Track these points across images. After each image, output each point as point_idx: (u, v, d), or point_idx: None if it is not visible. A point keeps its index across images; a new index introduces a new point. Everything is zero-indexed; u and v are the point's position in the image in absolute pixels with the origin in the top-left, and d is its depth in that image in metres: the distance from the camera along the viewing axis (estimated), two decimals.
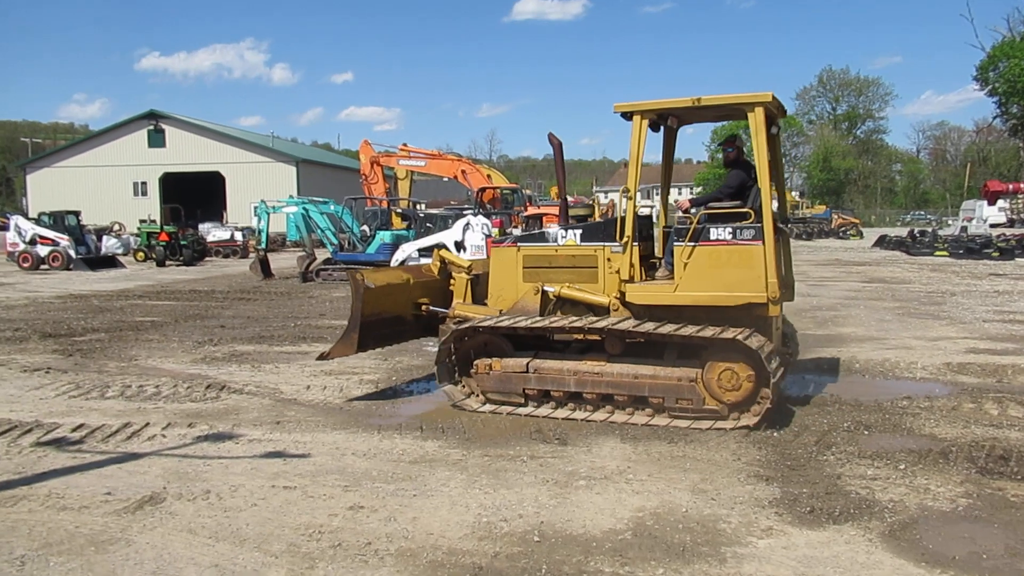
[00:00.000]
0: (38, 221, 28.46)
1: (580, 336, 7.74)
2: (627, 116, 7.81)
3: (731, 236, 7.38)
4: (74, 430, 7.02)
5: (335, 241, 24.53)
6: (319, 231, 25.52)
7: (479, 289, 8.75)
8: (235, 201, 53.47)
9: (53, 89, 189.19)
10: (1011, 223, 38.24)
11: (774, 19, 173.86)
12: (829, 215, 57.67)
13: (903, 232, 41.42)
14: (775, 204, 7.80)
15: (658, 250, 8.56)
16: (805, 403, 7.94)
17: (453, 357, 7.90)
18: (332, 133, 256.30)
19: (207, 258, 31.20)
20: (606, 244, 7.91)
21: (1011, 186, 39.84)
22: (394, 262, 8.59)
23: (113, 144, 56.32)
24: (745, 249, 7.33)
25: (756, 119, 7.47)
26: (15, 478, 5.75)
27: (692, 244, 7.45)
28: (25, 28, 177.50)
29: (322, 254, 24.19)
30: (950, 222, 54.26)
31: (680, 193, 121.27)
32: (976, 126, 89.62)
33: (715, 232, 7.41)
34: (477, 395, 7.82)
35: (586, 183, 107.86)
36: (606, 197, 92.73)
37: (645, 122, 7.79)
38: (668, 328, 7.17)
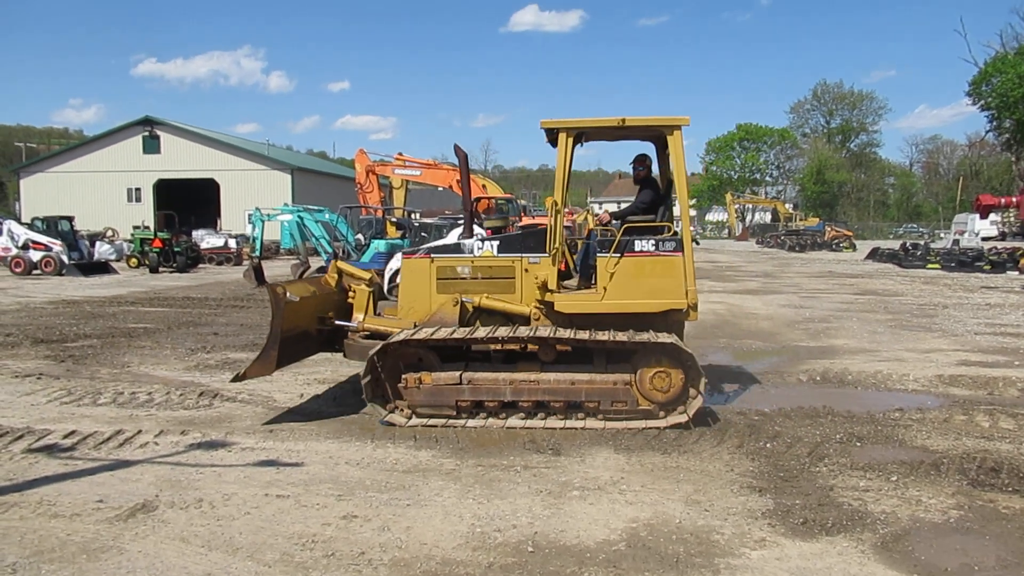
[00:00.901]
0: (31, 226, 28.39)
1: (498, 346, 7.80)
2: (552, 133, 8.08)
3: (654, 248, 7.88)
4: (66, 437, 6.98)
5: (329, 249, 24.55)
6: (314, 239, 25.56)
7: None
8: (230, 208, 53.40)
9: (49, 94, 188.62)
10: (1003, 236, 38.42)
11: (770, 32, 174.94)
12: (822, 227, 57.90)
13: (896, 245, 41.65)
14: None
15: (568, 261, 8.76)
16: (798, 415, 7.96)
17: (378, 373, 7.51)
18: (328, 141, 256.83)
19: (201, 265, 31.14)
20: (524, 255, 8.11)
21: (1003, 200, 40.02)
22: (388, 271, 8.46)
23: (108, 150, 56.24)
24: (667, 259, 7.86)
25: (676, 141, 8.00)
26: (6, 485, 5.72)
27: (617, 255, 7.82)
28: (21, 32, 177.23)
29: (316, 262, 24.17)
30: (942, 235, 54.59)
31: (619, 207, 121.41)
32: (969, 140, 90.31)
33: (639, 244, 7.86)
34: (402, 410, 7.50)
35: (581, 193, 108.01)
36: (601, 208, 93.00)
37: (571, 139, 8.02)
38: (623, 335, 7.47)
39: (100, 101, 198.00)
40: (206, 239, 35.79)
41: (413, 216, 31.70)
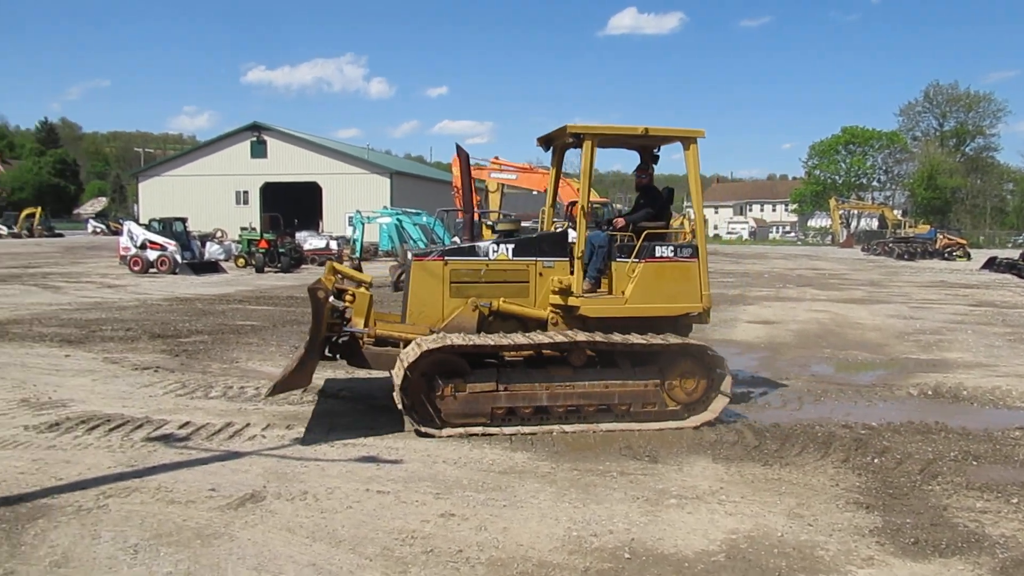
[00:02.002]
0: (148, 227, 29.88)
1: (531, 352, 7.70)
2: (578, 138, 8.02)
3: (673, 254, 8.09)
4: (181, 427, 7.34)
5: None
6: (411, 241, 26.04)
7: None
8: (331, 211, 54.98)
9: (165, 102, 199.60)
10: None
11: (879, 32, 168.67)
12: (934, 235, 55.20)
13: (1015, 254, 39.30)
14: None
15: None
16: (908, 430, 7.62)
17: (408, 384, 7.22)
18: (425, 146, 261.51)
19: (303, 265, 32.13)
20: (539, 259, 8.08)
21: None
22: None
23: (218, 154, 58.80)
24: (684, 265, 8.07)
25: (693, 152, 8.18)
26: (128, 471, 6.06)
27: (637, 261, 7.93)
28: (140, 45, 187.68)
29: None
30: None
31: (774, 210, 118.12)
32: None
33: (659, 250, 8.03)
34: (436, 420, 7.28)
35: (677, 198, 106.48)
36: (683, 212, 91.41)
37: (595, 144, 8.01)
38: (658, 340, 7.65)
39: (212, 108, 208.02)
40: (309, 241, 36.85)
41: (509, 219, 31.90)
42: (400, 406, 7.09)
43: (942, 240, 53.73)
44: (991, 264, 37.03)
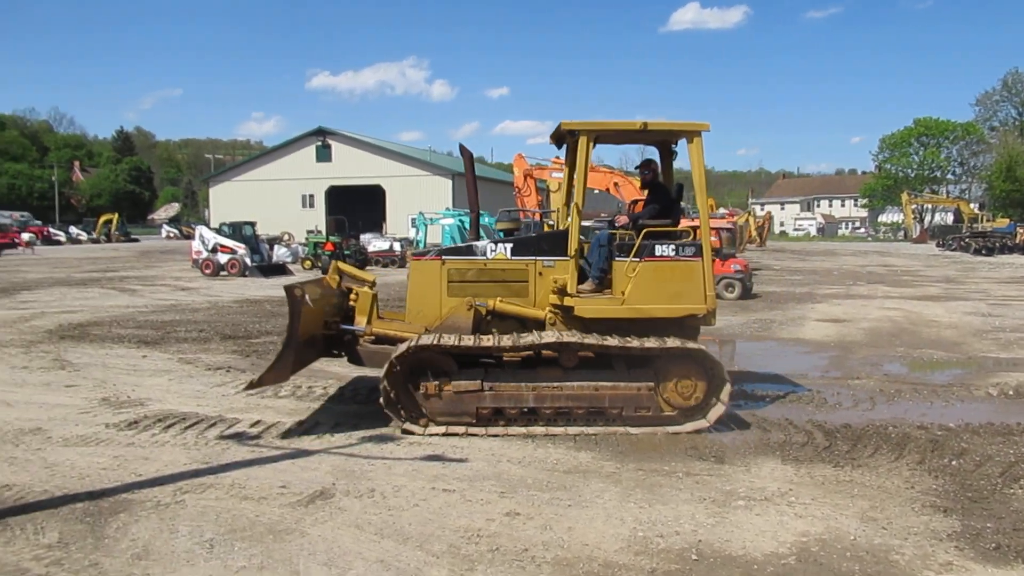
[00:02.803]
0: (219, 231, 30.75)
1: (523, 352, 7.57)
2: (573, 135, 7.87)
3: (674, 252, 7.73)
4: (252, 426, 7.54)
5: None
6: None
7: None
8: (394, 212, 55.69)
9: (234, 109, 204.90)
10: None
11: (953, 20, 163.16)
12: (1013, 229, 53.08)
13: None
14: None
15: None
16: (988, 431, 7.35)
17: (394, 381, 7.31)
18: (486, 147, 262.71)
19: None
20: (538, 258, 7.94)
21: None
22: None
23: (285, 159, 60.12)
24: (687, 265, 7.71)
25: (696, 147, 7.82)
26: (203, 467, 6.25)
27: (637, 260, 7.67)
28: (210, 53, 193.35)
29: None
30: None
31: (843, 206, 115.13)
32: None
33: (659, 249, 7.71)
34: (422, 418, 7.32)
35: (741, 194, 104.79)
36: (762, 209, 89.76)
37: (590, 141, 7.86)
38: (654, 343, 7.35)
39: (278, 114, 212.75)
40: (373, 242, 37.40)
41: None
42: (383, 403, 7.19)
43: (1022, 234, 51.62)
44: None
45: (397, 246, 37.06)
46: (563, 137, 8.76)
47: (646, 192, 8.75)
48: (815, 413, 8.17)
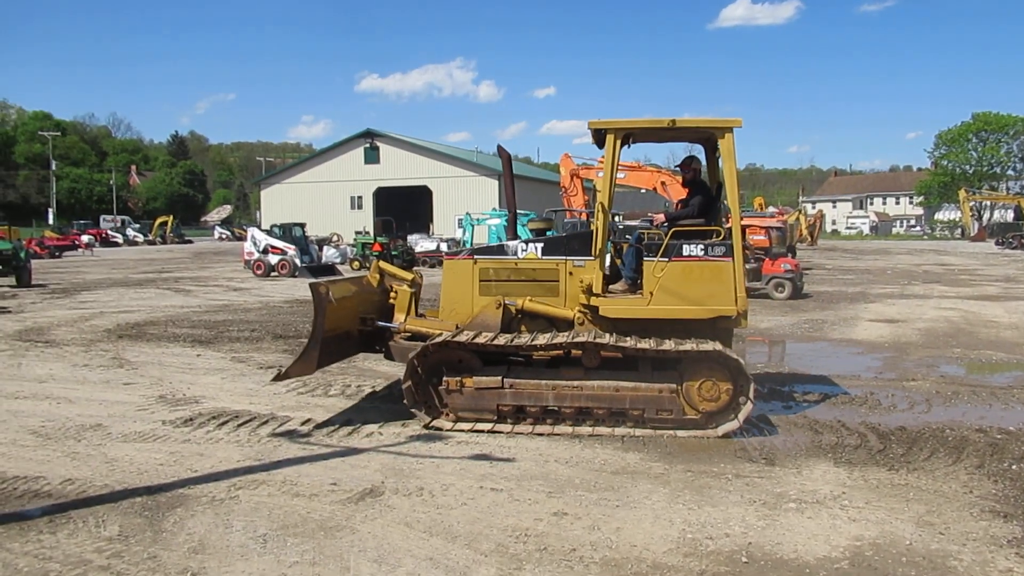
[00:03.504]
0: (270, 232, 31.29)
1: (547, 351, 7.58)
2: (600, 134, 7.84)
3: (703, 252, 7.59)
4: (303, 424, 7.66)
5: None
6: None
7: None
8: (441, 213, 56.04)
9: (285, 112, 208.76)
10: None
11: (1013, 10, 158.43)
12: None
13: None
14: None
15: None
16: None
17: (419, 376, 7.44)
18: (532, 147, 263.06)
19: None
20: (569, 258, 7.95)
21: None
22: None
23: (334, 161, 60.92)
24: (716, 265, 7.56)
25: (728, 143, 7.64)
26: (256, 464, 6.38)
27: (665, 259, 7.58)
28: (262, 58, 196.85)
29: None
30: None
31: (897, 203, 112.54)
32: None
33: (688, 248, 7.60)
34: (447, 415, 7.43)
35: (792, 192, 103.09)
36: (814, 207, 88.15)
37: (618, 140, 7.80)
38: (668, 344, 7.27)
39: (328, 116, 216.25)
40: (420, 243, 37.73)
41: (617, 218, 31.71)
42: (406, 399, 7.35)
43: None
44: None
45: (444, 246, 37.29)
46: (604, 137, 8.70)
47: (687, 191, 8.67)
48: (868, 415, 8.01)
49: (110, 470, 6.21)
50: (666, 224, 8.11)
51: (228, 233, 78.86)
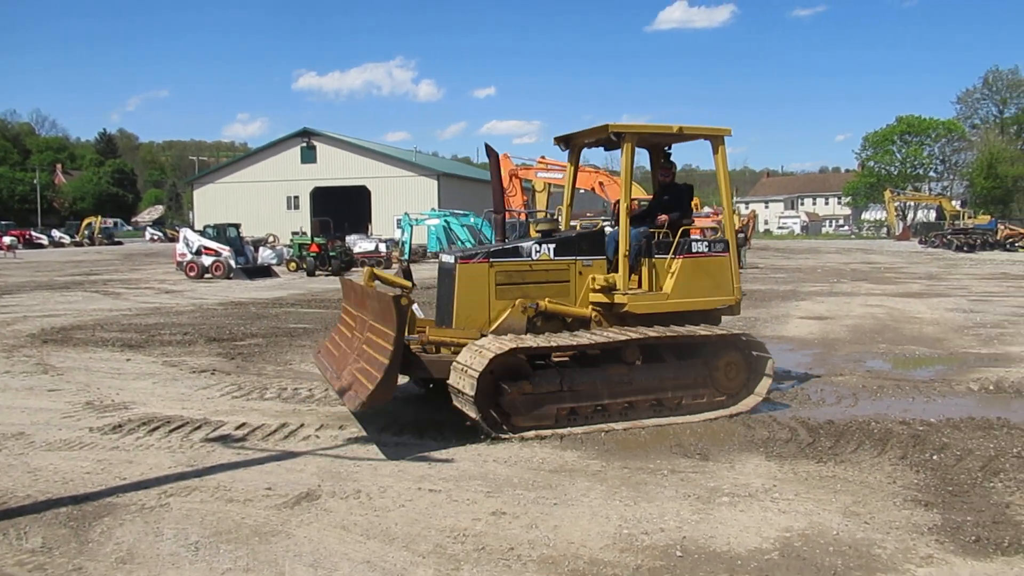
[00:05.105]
0: (203, 233, 30.57)
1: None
2: (619, 137, 8.17)
3: (707, 249, 8.45)
4: (237, 428, 7.51)
5: None
6: (459, 242, 26.22)
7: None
8: (380, 214, 55.65)
9: (220, 110, 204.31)
10: None
11: (936, 19, 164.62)
12: (994, 226, 53.66)
13: None
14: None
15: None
16: (968, 426, 7.43)
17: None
18: (472, 147, 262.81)
19: (354, 268, 32.54)
20: (578, 258, 8.23)
21: None
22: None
23: (269, 160, 59.94)
24: (719, 260, 8.48)
25: (722, 149, 8.57)
26: (188, 470, 6.23)
27: (675, 257, 8.23)
28: (198, 55, 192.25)
29: None
30: None
31: (827, 204, 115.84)
32: None
33: (696, 246, 8.38)
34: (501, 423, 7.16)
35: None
36: (747, 208, 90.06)
37: (632, 144, 8.28)
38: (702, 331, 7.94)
39: (264, 115, 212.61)
40: (358, 244, 37.31)
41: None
42: (474, 415, 6.89)
43: (1003, 231, 52.24)
44: None
45: (383, 247, 37.03)
46: (569, 140, 9.11)
47: (662, 193, 9.03)
48: (799, 410, 8.23)
49: (33, 480, 5.99)
50: (655, 225, 8.49)
51: (160, 234, 76.82)
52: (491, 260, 7.99)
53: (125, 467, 6.30)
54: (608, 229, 8.84)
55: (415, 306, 8.24)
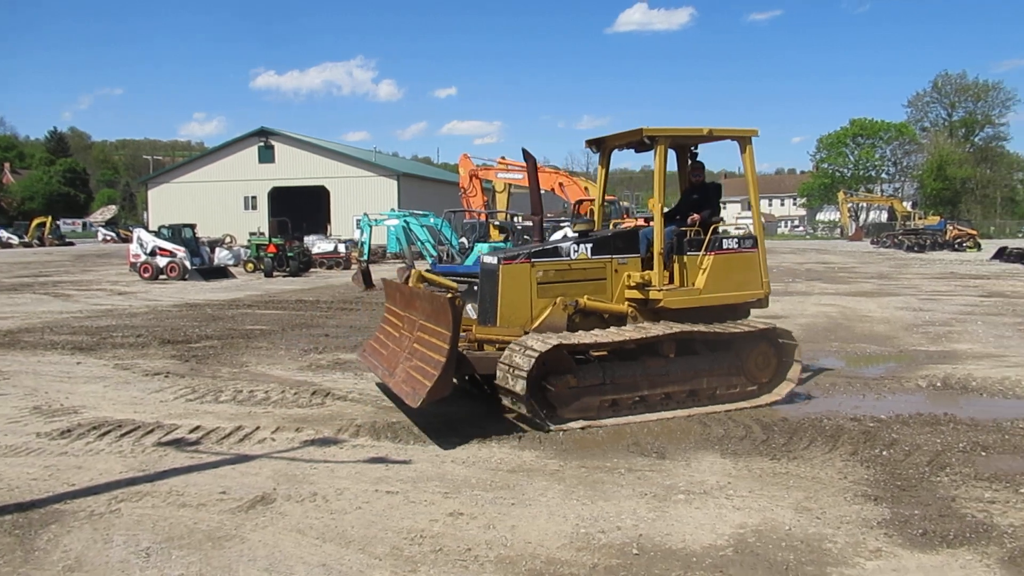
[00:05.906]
0: (158, 233, 30.01)
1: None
2: (653, 140, 8.47)
3: (737, 245, 8.80)
4: (191, 431, 7.39)
5: (434, 253, 25.02)
6: (419, 243, 26.09)
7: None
8: (339, 214, 55.15)
9: (176, 109, 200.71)
10: None
11: (888, 25, 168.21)
12: (943, 226, 55.01)
13: None
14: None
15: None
16: (917, 422, 7.61)
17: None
18: (433, 147, 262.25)
19: (312, 269, 32.23)
20: (614, 256, 8.56)
21: None
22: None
23: (226, 160, 59.05)
24: (748, 256, 8.85)
25: (750, 150, 8.92)
26: (139, 475, 6.11)
27: (707, 253, 8.56)
28: (153, 52, 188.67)
29: (422, 265, 24.68)
30: None
31: (782, 205, 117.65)
32: None
33: (727, 243, 8.74)
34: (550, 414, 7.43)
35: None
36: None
37: (665, 147, 8.57)
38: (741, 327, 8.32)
39: (221, 114, 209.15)
40: (317, 244, 36.97)
41: (516, 219, 31.96)
42: (525, 410, 7.24)
43: (952, 231, 53.55)
44: (1001, 254, 36.92)
45: (342, 247, 36.73)
46: (601, 143, 9.41)
47: (691, 193, 9.29)
48: (753, 407, 8.33)
49: None
50: (685, 224, 8.77)
51: (113, 234, 75.20)
52: (532, 260, 8.32)
53: (74, 473, 6.16)
54: (566, 230, 9.04)
55: (468, 307, 8.61)
